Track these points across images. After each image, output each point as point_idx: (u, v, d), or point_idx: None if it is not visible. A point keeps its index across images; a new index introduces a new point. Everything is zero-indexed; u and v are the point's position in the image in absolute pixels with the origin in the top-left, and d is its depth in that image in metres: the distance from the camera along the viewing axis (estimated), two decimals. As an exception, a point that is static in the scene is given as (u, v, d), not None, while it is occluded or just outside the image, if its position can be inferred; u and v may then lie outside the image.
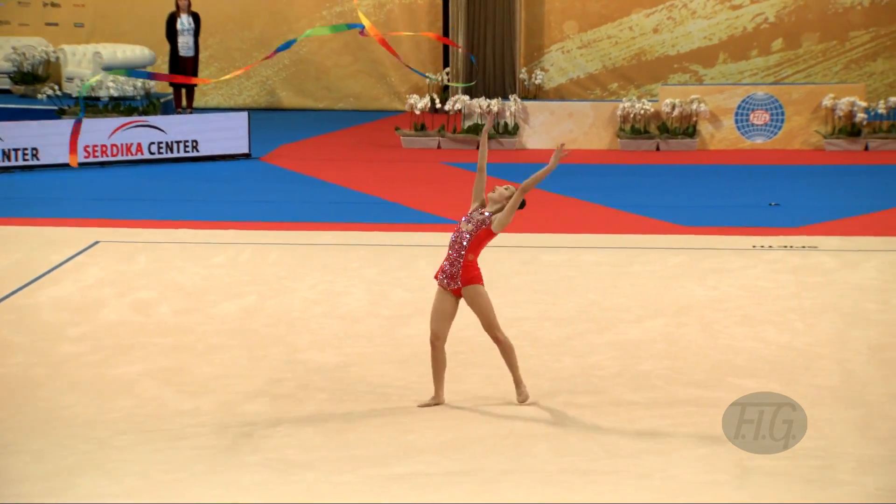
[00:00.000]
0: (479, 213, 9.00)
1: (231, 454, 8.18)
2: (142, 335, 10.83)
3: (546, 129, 20.32)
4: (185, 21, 21.40)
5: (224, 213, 15.69)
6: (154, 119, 19.28)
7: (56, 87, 21.10)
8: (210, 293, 12.06)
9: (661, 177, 18.00)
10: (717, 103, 20.11)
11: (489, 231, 8.93)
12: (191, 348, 10.48)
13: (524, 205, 9.02)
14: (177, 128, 19.13)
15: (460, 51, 15.65)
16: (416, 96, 20.50)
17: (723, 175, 18.17)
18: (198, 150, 19.17)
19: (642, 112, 19.93)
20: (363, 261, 13.19)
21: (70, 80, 22.34)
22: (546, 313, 11.33)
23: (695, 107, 19.87)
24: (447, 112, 20.28)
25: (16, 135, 18.39)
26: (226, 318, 11.31)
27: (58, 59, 23.13)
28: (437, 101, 20.63)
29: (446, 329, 8.97)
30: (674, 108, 19.86)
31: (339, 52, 24.58)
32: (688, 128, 19.99)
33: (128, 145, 18.83)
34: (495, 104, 20.13)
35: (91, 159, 18.62)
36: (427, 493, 7.54)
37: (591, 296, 11.77)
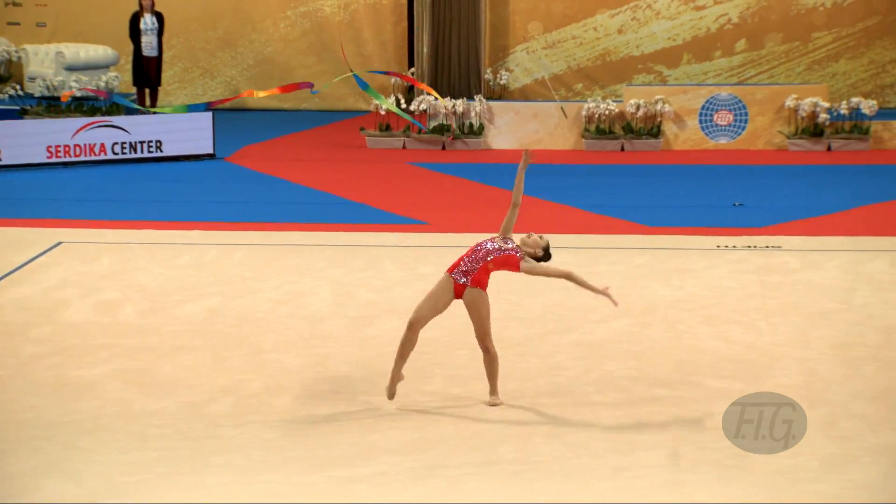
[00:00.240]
0: (509, 244, 9.00)
1: (195, 455, 8.15)
2: (105, 336, 10.78)
3: (511, 129, 20.34)
4: (148, 21, 21.31)
5: (188, 213, 15.64)
6: (118, 119, 19.18)
7: (18, 86, 20.97)
8: (174, 294, 12.01)
9: (626, 177, 18.06)
10: (681, 104, 20.19)
11: (517, 262, 8.90)
12: (155, 349, 10.44)
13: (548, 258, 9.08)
14: (141, 128, 19.05)
15: (430, 93, 15.70)
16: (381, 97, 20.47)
17: (687, 175, 18.24)
18: (162, 151, 19.09)
19: (607, 112, 19.98)
20: (328, 261, 13.17)
21: (32, 79, 22.21)
22: (511, 313, 11.34)
23: (659, 107, 19.95)
24: (413, 112, 20.27)
25: (-22, 135, 18.27)
26: (190, 319, 11.27)
27: (20, 58, 23.00)
28: (403, 101, 20.62)
29: (429, 319, 8.96)
30: (638, 108, 19.93)
31: (303, 53, 24.54)
32: (652, 128, 20.06)
33: (91, 145, 18.73)
34: (460, 104, 20.14)
35: (54, 159, 18.51)
36: (392, 494, 7.54)
37: (555, 296, 11.78)
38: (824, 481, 7.65)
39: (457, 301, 9.42)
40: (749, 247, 13.57)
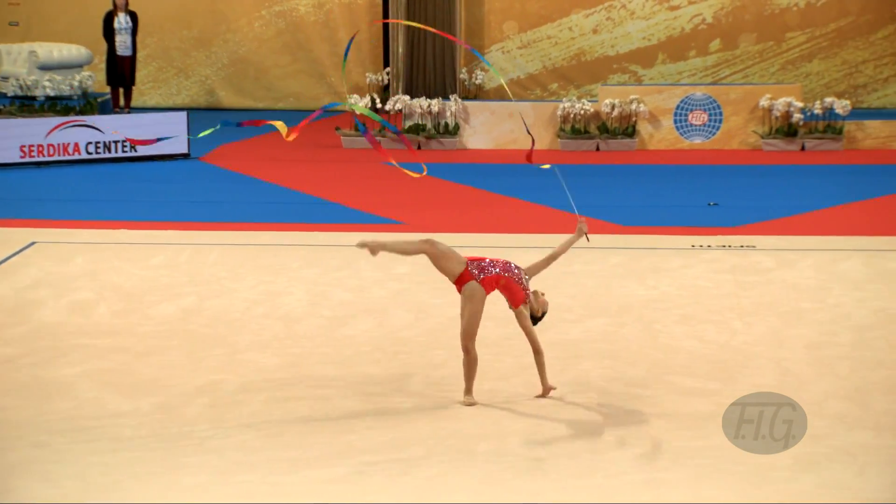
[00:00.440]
0: (527, 286, 9.20)
1: (170, 456, 8.13)
2: (80, 336, 10.73)
3: (487, 129, 20.35)
4: (122, 20, 21.23)
5: (163, 213, 15.59)
6: (91, 119, 19.10)
7: (-9, 86, 20.87)
8: (149, 294, 11.97)
9: (601, 177, 18.09)
10: (656, 104, 20.23)
11: (521, 301, 9.12)
12: (129, 349, 10.40)
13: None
14: (115, 127, 18.96)
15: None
16: (356, 96, 20.46)
17: (662, 175, 18.29)
18: (136, 150, 19.02)
19: (582, 112, 20.01)
20: (303, 261, 13.15)
21: (5, 79, 22.08)
22: (487, 313, 11.30)
23: (634, 107, 19.99)
24: (388, 112, 20.26)
25: (-49, 134, 18.19)
26: (165, 319, 11.23)
27: (-7, 57, 22.87)
28: (378, 101, 20.61)
29: (438, 250, 9.17)
30: (613, 108, 19.97)
31: (278, 52, 24.49)
32: (627, 128, 20.10)
33: (65, 145, 18.65)
34: (436, 104, 20.14)
35: (27, 159, 18.42)
36: (368, 494, 7.53)
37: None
38: (798, 480, 7.68)
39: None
40: (724, 246, 13.61)
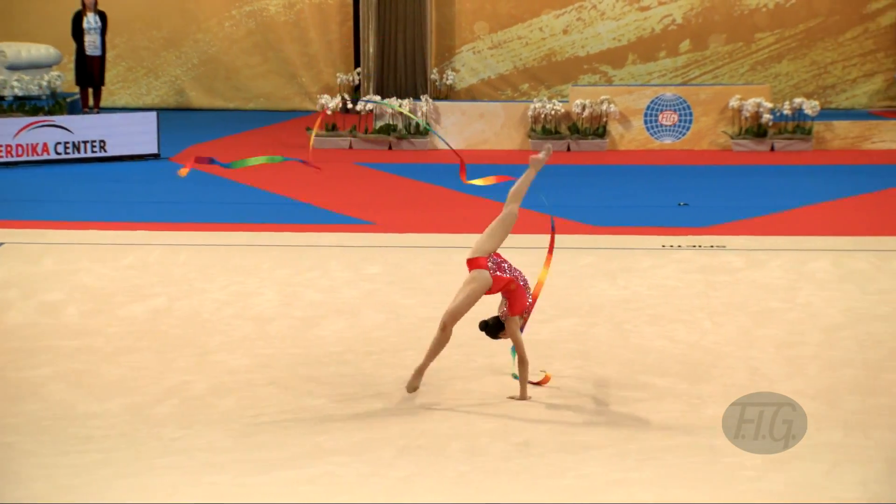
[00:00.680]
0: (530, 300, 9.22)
1: (140, 457, 8.09)
2: (48, 337, 10.68)
3: (458, 129, 20.35)
4: (91, 19, 21.14)
5: (133, 213, 15.52)
6: (60, 119, 19.01)
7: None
8: (118, 294, 11.92)
9: (572, 177, 18.12)
10: (626, 104, 20.29)
11: (520, 309, 9.13)
12: (99, 350, 10.35)
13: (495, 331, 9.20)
14: (84, 128, 18.89)
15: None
16: (327, 96, 20.43)
17: (632, 175, 18.33)
18: (106, 151, 18.94)
19: (553, 113, 20.04)
20: (274, 261, 13.12)
21: (-26, 78, 21.96)
22: (458, 313, 11.33)
23: (605, 107, 20.03)
24: (359, 112, 20.24)
25: (-82, 135, 18.06)
26: (134, 320, 11.18)
27: (-39, 57, 22.74)
28: (349, 101, 20.59)
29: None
30: (584, 108, 20.01)
31: (248, 52, 24.43)
32: (598, 128, 20.14)
33: (33, 145, 18.55)
34: (407, 104, 20.13)
35: (-4, 159, 18.33)
36: (340, 495, 7.52)
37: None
38: (767, 480, 7.70)
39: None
40: (694, 246, 13.65)
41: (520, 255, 10.49)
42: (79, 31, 21.13)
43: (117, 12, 23.03)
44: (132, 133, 19.10)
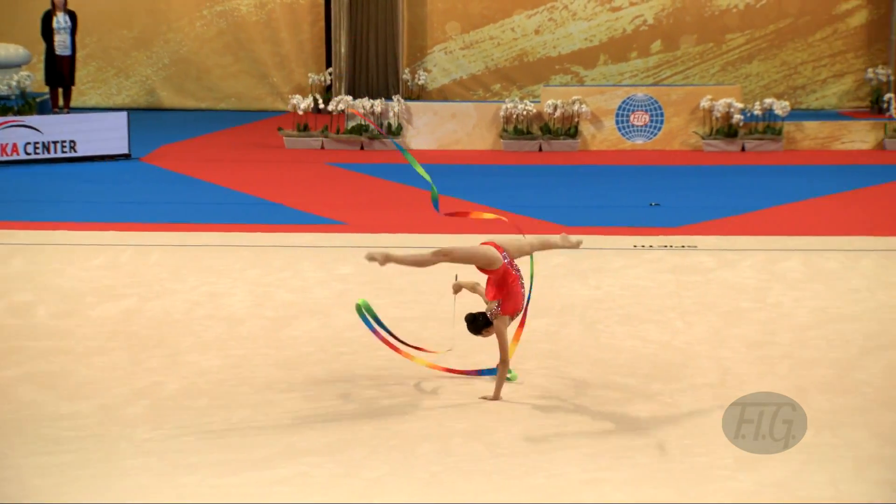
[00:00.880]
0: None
1: (111, 458, 8.06)
2: (18, 339, 10.62)
3: (430, 129, 20.36)
4: (61, 19, 21.05)
5: (104, 214, 15.46)
6: (30, 119, 18.92)
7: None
8: (89, 295, 11.87)
9: (544, 177, 18.15)
10: (598, 104, 20.33)
11: (511, 311, 9.25)
12: (69, 351, 10.31)
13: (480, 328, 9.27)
14: (54, 128, 18.80)
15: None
16: (298, 97, 20.42)
17: (604, 175, 18.38)
18: (76, 151, 18.86)
19: (525, 113, 20.07)
20: (246, 262, 13.09)
21: (-58, 79, 21.84)
22: (431, 314, 11.36)
23: (576, 108, 20.07)
24: (330, 112, 20.23)
25: None
26: (105, 321, 11.14)
27: (-70, 57, 22.59)
28: (321, 101, 20.57)
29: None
30: (556, 108, 20.04)
31: (220, 52, 24.38)
32: (570, 129, 20.18)
33: (3, 146, 18.46)
34: (378, 105, 20.12)
35: (-35, 159, 18.23)
36: (312, 495, 7.51)
37: (474, 296, 11.79)
38: (738, 479, 7.73)
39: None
40: (665, 246, 13.69)
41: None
42: (48, 31, 21.04)
43: (87, 12, 22.95)
44: (103, 133, 19.03)
